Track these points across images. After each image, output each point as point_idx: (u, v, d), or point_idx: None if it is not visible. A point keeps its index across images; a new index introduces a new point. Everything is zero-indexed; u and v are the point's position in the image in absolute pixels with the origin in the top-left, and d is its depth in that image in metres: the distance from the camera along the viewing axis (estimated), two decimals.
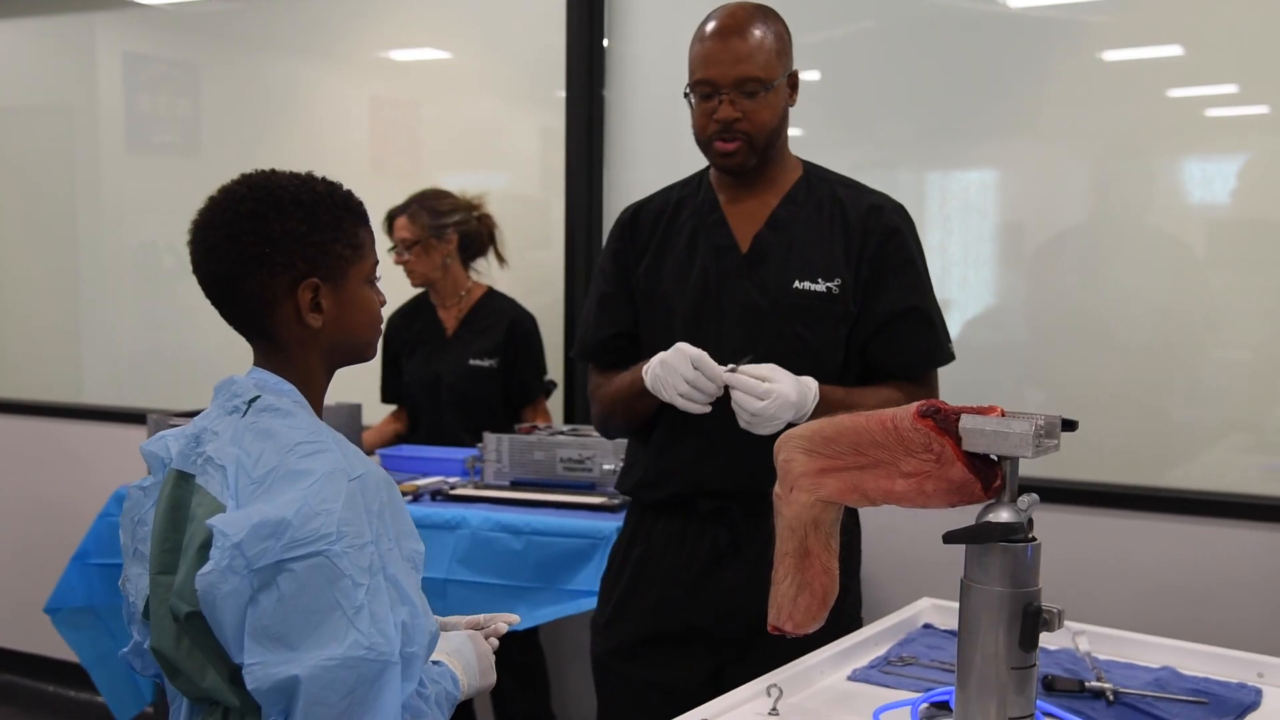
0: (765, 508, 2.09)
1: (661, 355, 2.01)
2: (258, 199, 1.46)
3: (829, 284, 2.09)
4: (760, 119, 2.06)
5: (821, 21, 3.29)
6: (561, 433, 3.05)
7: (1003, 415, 1.33)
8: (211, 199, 1.49)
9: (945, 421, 1.36)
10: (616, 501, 2.81)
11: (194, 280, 1.52)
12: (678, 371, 1.97)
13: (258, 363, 1.52)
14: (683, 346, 1.98)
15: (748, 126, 2.06)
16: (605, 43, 3.52)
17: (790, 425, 1.93)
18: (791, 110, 2.17)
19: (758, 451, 2.00)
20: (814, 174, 2.19)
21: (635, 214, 2.25)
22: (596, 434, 2.94)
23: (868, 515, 2.24)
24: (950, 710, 1.47)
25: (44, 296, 4.65)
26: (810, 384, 1.99)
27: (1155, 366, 2.97)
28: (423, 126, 4.07)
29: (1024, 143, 3.10)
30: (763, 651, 2.09)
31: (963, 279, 3.17)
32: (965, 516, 1.38)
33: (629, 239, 2.23)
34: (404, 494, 2.71)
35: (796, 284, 2.08)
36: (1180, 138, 2.96)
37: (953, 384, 3.13)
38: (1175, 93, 2.95)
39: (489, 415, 3.34)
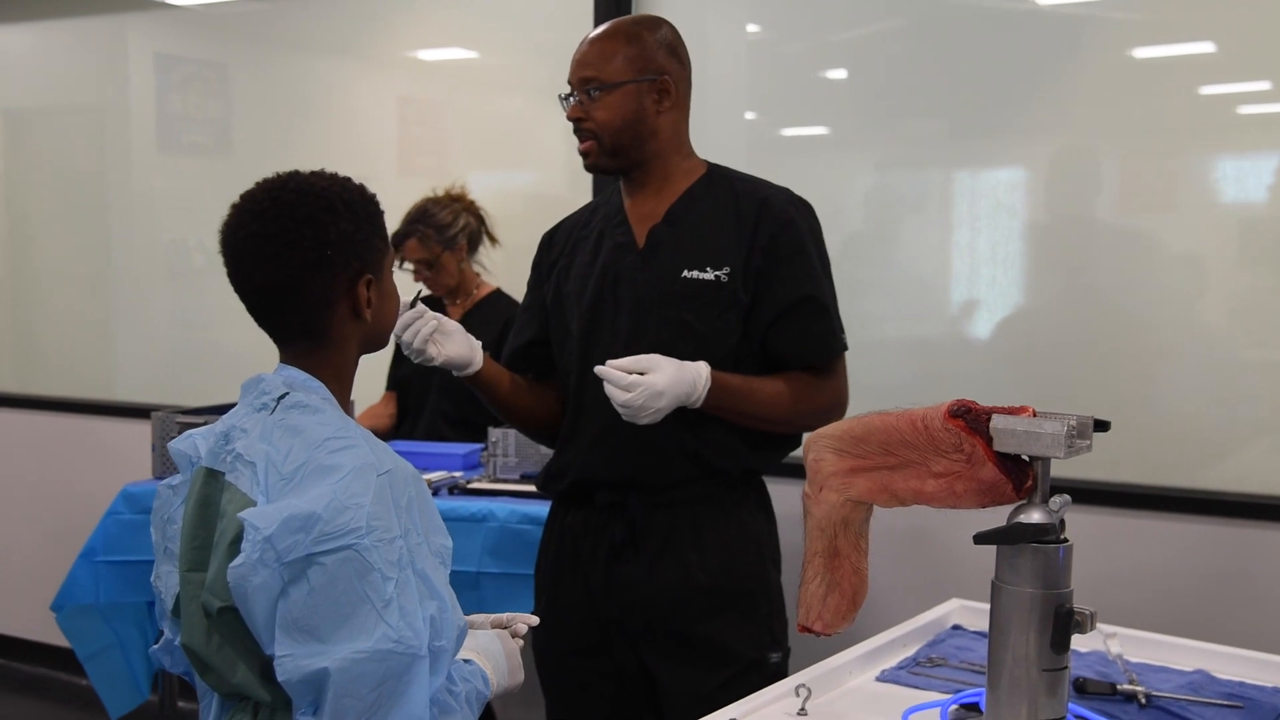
0: (663, 500, 2.15)
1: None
2: (311, 204, 1.48)
3: (717, 272, 2.15)
4: (599, 118, 2.15)
5: (849, 20, 3.28)
6: None
7: (1034, 415, 1.33)
8: (259, 209, 1.48)
9: (976, 421, 1.35)
10: None
11: (223, 278, 1.52)
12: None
13: (288, 361, 1.52)
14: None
15: (592, 125, 2.16)
16: None
17: (698, 409, 2.06)
18: (819, 107, 2.18)
19: (649, 443, 2.10)
20: (716, 173, 2.26)
21: (554, 230, 2.37)
22: None
23: (896, 515, 2.23)
24: (980, 712, 1.46)
25: (76, 294, 4.69)
26: (698, 369, 2.05)
27: (1188, 366, 2.94)
28: (450, 126, 4.08)
29: (1053, 141, 3.08)
30: (683, 648, 2.16)
31: (992, 278, 3.15)
32: (996, 517, 1.37)
33: (546, 252, 2.35)
34: None
35: (685, 273, 2.15)
36: (1212, 135, 2.93)
37: (983, 383, 3.13)
38: (1207, 90, 2.93)
39: (476, 408, 3.38)
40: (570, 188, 3.75)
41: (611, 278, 2.19)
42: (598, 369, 2.02)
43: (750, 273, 2.14)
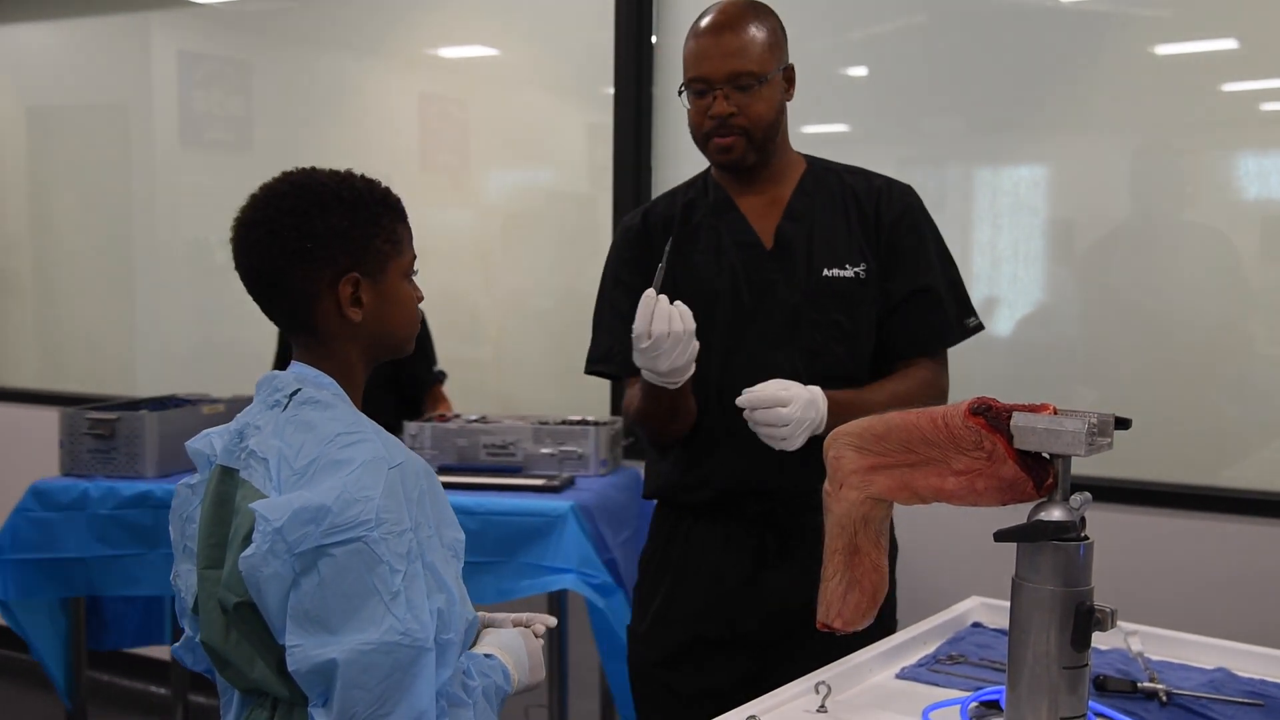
0: (814, 503, 2.08)
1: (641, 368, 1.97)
2: (300, 195, 1.48)
3: (855, 269, 2.10)
4: (755, 112, 2.05)
5: (870, 16, 3.28)
6: (476, 420, 3.14)
7: (1055, 413, 1.32)
8: (253, 196, 1.51)
9: (997, 419, 1.35)
10: (557, 483, 2.93)
11: None
12: (651, 350, 1.92)
13: (297, 357, 1.54)
14: (636, 340, 1.94)
15: (743, 121, 2.05)
16: (654, 39, 3.52)
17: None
18: (839, 104, 2.17)
19: (804, 449, 2.00)
20: (818, 165, 2.20)
21: (644, 220, 2.21)
22: (513, 420, 3.11)
23: (917, 513, 2.23)
24: (1000, 709, 1.46)
25: (99, 290, 4.72)
26: (814, 394, 1.97)
27: (1208, 364, 2.93)
28: (471, 123, 4.09)
29: (1075, 138, 3.07)
30: (809, 651, 2.08)
31: (1013, 275, 3.14)
32: (1017, 515, 1.37)
33: (645, 246, 2.18)
34: None
35: (825, 272, 2.09)
36: (1234, 132, 2.92)
37: (1004, 381, 3.13)
38: (1229, 87, 2.92)
39: (371, 404, 3.40)
40: (591, 185, 3.75)
41: (745, 279, 2.10)
42: (751, 414, 1.95)
43: (881, 268, 2.12)
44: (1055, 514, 1.33)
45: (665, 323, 1.91)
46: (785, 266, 2.11)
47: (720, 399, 2.09)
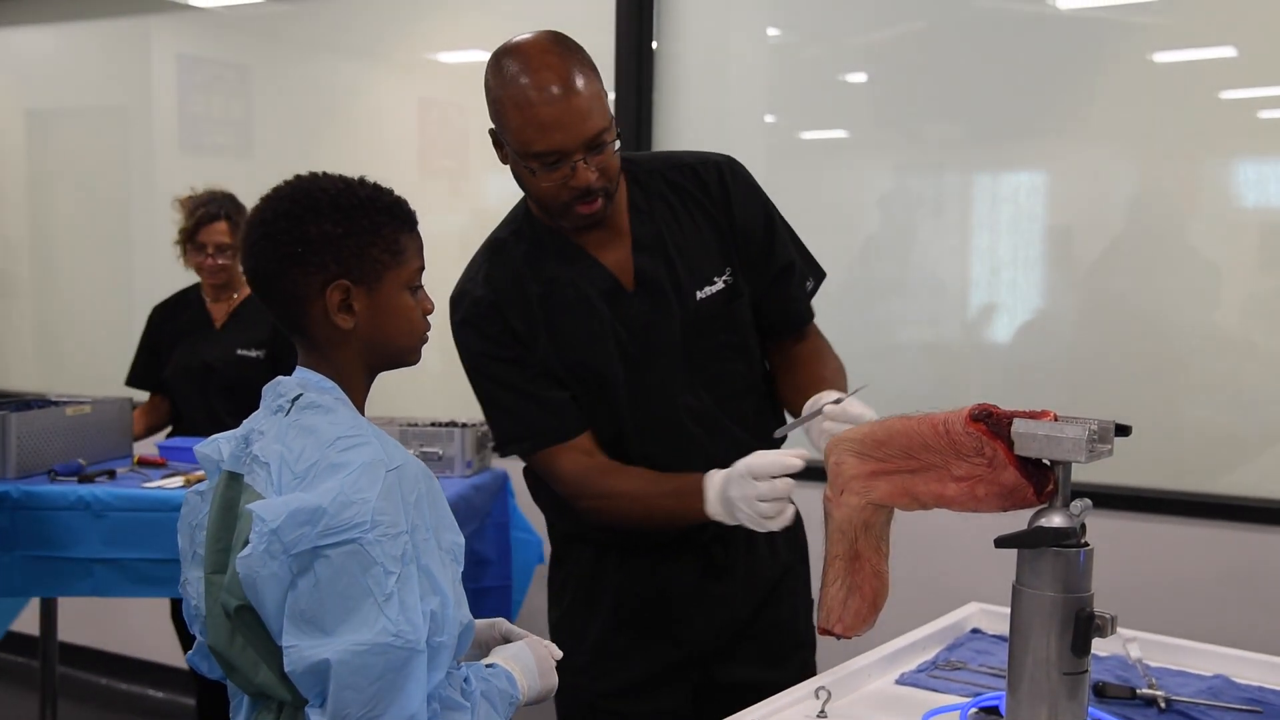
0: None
1: (723, 494, 1.80)
2: (296, 200, 1.49)
3: (723, 278, 1.99)
4: (613, 168, 1.87)
5: (869, 23, 3.29)
6: None
7: (1056, 420, 1.33)
8: (262, 198, 1.53)
9: (997, 425, 1.36)
10: None
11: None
12: (748, 498, 1.76)
13: (300, 361, 1.54)
14: (740, 475, 1.77)
15: (604, 182, 1.86)
16: (654, 44, 3.52)
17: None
18: (838, 110, 2.14)
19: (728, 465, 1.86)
20: (636, 170, 2.02)
21: (489, 287, 2.00)
22: (381, 423, 3.06)
23: (917, 518, 2.23)
24: (1000, 715, 1.46)
25: (98, 294, 4.72)
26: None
27: (1207, 370, 2.94)
28: (470, 128, 4.09)
29: (1074, 145, 3.08)
30: (754, 656, 2.07)
31: (1012, 282, 3.15)
32: (1017, 521, 1.38)
33: (505, 319, 1.98)
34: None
35: (698, 295, 1.97)
36: (1233, 140, 2.93)
37: (1004, 387, 3.13)
38: (1228, 94, 2.92)
39: (256, 404, 3.37)
40: None
41: (624, 329, 1.96)
42: (829, 409, 1.78)
43: (742, 260, 2.01)
44: (1055, 520, 1.33)
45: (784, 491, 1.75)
46: (656, 304, 1.96)
47: (651, 459, 1.97)
